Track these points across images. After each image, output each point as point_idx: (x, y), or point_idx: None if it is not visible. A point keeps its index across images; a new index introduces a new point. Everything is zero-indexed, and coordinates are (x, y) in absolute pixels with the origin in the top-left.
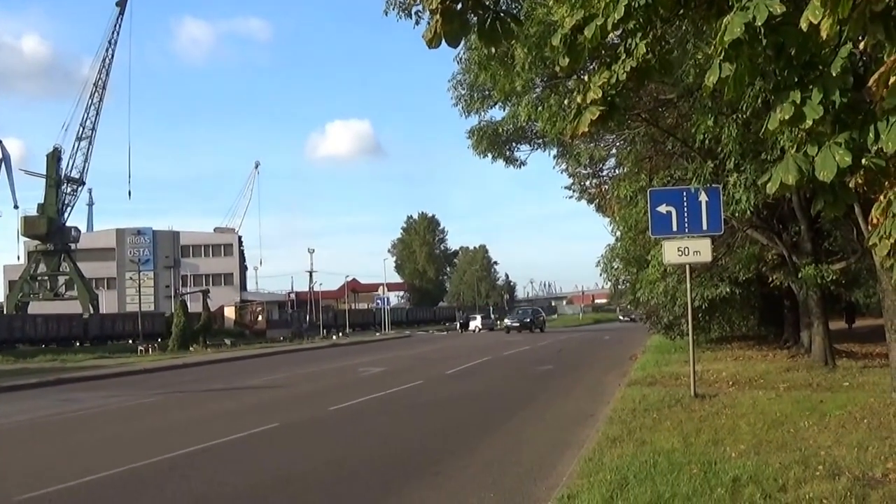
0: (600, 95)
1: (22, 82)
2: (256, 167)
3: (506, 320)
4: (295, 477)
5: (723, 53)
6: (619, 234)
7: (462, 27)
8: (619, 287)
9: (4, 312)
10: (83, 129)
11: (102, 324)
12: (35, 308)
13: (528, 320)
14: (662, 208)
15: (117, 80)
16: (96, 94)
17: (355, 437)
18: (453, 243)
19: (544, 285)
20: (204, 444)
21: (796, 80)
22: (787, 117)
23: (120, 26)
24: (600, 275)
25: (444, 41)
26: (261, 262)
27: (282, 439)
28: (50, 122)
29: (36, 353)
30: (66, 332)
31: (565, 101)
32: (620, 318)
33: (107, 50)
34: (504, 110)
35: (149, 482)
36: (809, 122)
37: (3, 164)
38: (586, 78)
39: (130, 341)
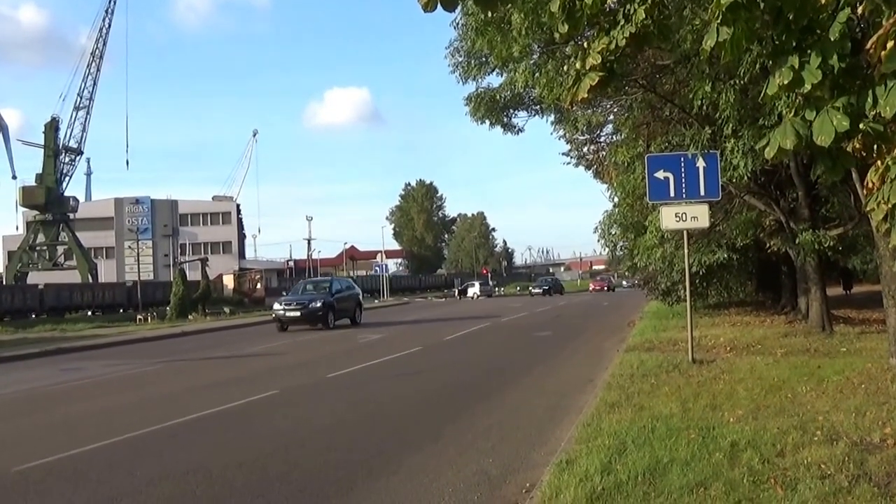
0: (599, 61)
1: (19, 52)
2: (254, 135)
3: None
4: (294, 444)
5: (720, 17)
6: (616, 200)
7: None
8: (618, 253)
9: (3, 282)
10: (81, 98)
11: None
12: (34, 278)
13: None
14: (660, 174)
15: (115, 50)
16: (94, 64)
17: (353, 404)
18: (451, 210)
19: (542, 252)
20: (204, 412)
21: (794, 44)
22: (785, 82)
23: None
24: (598, 241)
25: (439, 5)
26: (259, 231)
27: (281, 406)
28: (48, 92)
29: (35, 322)
30: (66, 301)
31: (563, 67)
32: (624, 283)
33: (104, 19)
34: (501, 76)
35: (148, 450)
36: (808, 87)
37: (0, 134)
38: (585, 44)
39: (123, 310)
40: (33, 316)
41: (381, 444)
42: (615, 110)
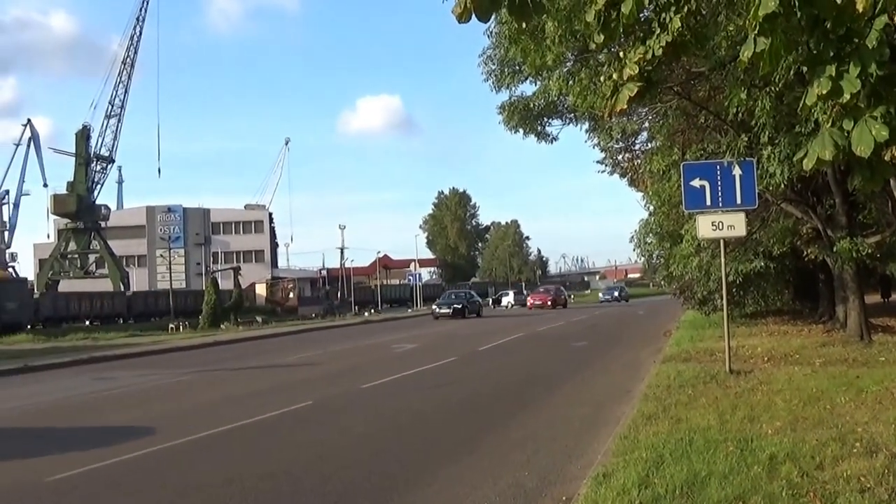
0: (637, 71)
1: (50, 60)
2: (287, 144)
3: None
4: (328, 455)
5: (757, 27)
6: (652, 208)
7: (493, 1)
8: (653, 262)
9: (35, 291)
10: (112, 106)
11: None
12: (65, 286)
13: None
14: (696, 182)
15: (146, 57)
16: (125, 72)
17: (389, 415)
18: (485, 219)
19: (577, 260)
20: (238, 423)
21: (832, 53)
22: (824, 92)
23: (147, 2)
24: (634, 250)
25: (473, 15)
26: (291, 239)
27: (315, 417)
28: (78, 100)
29: (66, 331)
30: (98, 310)
31: (598, 76)
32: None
33: (135, 27)
34: (535, 85)
35: (181, 461)
36: (847, 97)
37: (31, 142)
38: (620, 53)
39: (155, 319)
40: (64, 323)
41: (417, 455)
42: (650, 118)
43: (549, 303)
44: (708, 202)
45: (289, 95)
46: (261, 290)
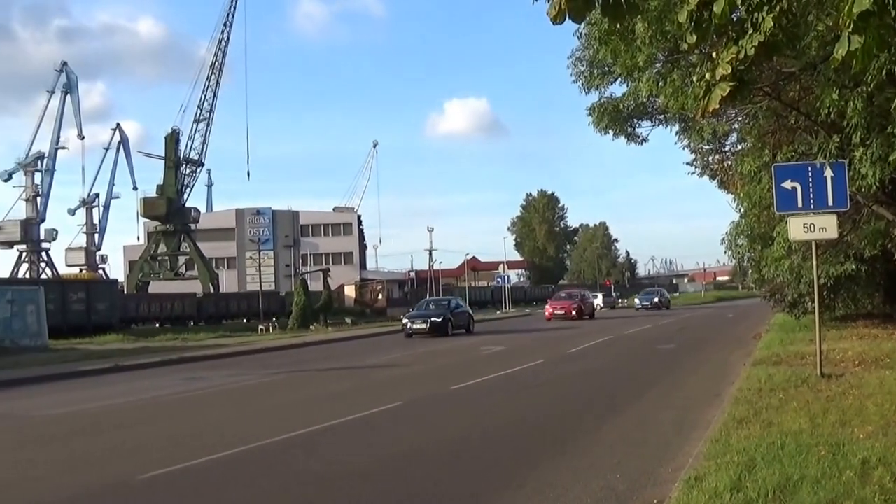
0: (729, 71)
1: (138, 65)
2: (375, 146)
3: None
4: (418, 456)
5: (851, 25)
6: (743, 210)
7: (587, 2)
8: (744, 264)
9: (125, 292)
10: (201, 110)
11: (217, 303)
12: (155, 287)
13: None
14: (787, 184)
15: (234, 61)
16: (213, 76)
17: (477, 417)
18: (573, 220)
19: (665, 262)
20: (327, 423)
21: None
22: None
23: (235, 7)
24: (725, 252)
25: (567, 17)
26: (380, 241)
27: (404, 418)
28: (167, 104)
29: (156, 332)
30: (180, 311)
31: (693, 78)
32: (638, 302)
33: (222, 31)
34: (625, 86)
35: (269, 462)
36: None
37: (121, 146)
38: (713, 53)
39: (246, 320)
40: (191, 323)
41: (507, 457)
42: (740, 119)
43: (574, 312)
44: (799, 204)
45: (376, 98)
46: (350, 291)
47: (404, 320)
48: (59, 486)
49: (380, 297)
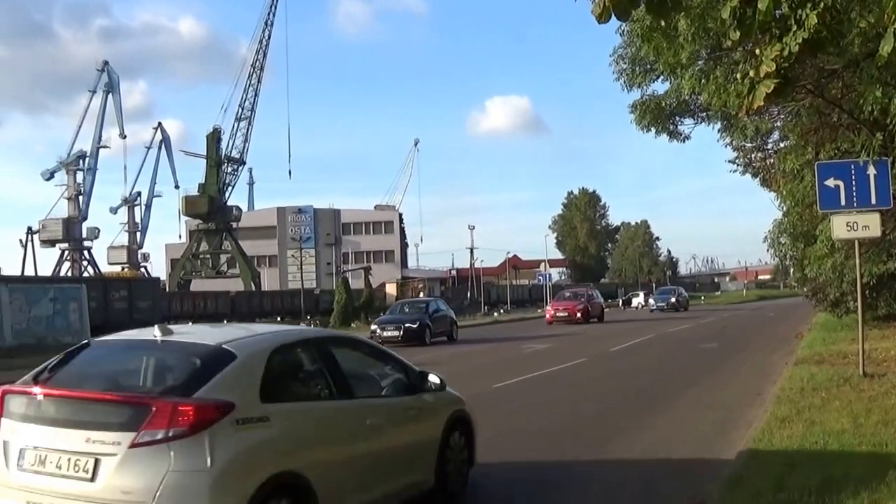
0: (773, 69)
1: (179, 64)
2: (416, 144)
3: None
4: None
5: (895, 23)
6: (785, 208)
7: (631, 0)
8: (786, 263)
9: (167, 290)
10: (242, 109)
11: (250, 300)
12: (197, 285)
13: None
14: (830, 182)
15: (275, 60)
16: (254, 75)
17: (520, 415)
18: (615, 219)
19: (707, 261)
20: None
21: None
22: None
23: (276, 6)
24: (767, 250)
25: (612, 14)
26: (421, 239)
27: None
28: (208, 103)
29: None
30: (213, 309)
31: (737, 75)
32: (653, 303)
33: (263, 30)
34: (667, 83)
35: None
36: None
37: (162, 145)
38: (756, 51)
39: (279, 318)
40: (225, 321)
41: (550, 456)
42: (782, 117)
43: (579, 314)
44: (842, 202)
45: (417, 96)
46: (391, 289)
47: (373, 326)
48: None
49: (420, 294)
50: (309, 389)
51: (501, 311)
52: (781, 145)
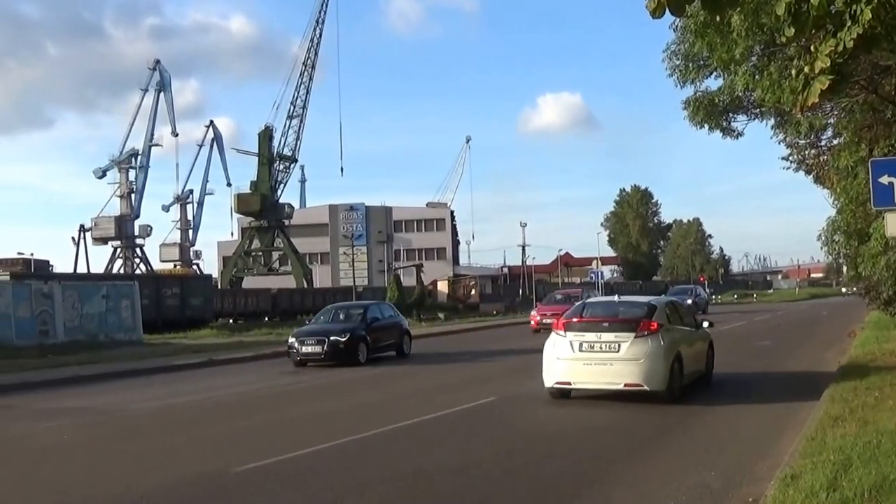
0: (828, 64)
1: (231, 62)
2: (467, 142)
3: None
4: (514, 451)
5: None
6: (839, 206)
7: None
8: (839, 261)
9: (219, 287)
10: (294, 107)
11: (291, 298)
12: (249, 283)
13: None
14: (884, 179)
15: (326, 58)
16: (306, 73)
17: (574, 413)
18: (667, 216)
19: (759, 259)
20: (424, 417)
21: None
22: None
23: (327, 4)
24: (821, 249)
25: (667, 10)
26: (473, 237)
27: (499, 413)
28: (260, 101)
29: (250, 327)
30: (253, 307)
31: (791, 71)
32: (844, 290)
33: (314, 28)
34: (720, 79)
35: (368, 454)
36: None
37: (214, 143)
38: (811, 46)
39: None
40: (266, 318)
41: (602, 452)
42: (836, 113)
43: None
44: None
45: (469, 93)
46: (443, 287)
47: (291, 339)
48: (154, 477)
49: (472, 292)
50: (677, 321)
51: None
52: (835, 142)
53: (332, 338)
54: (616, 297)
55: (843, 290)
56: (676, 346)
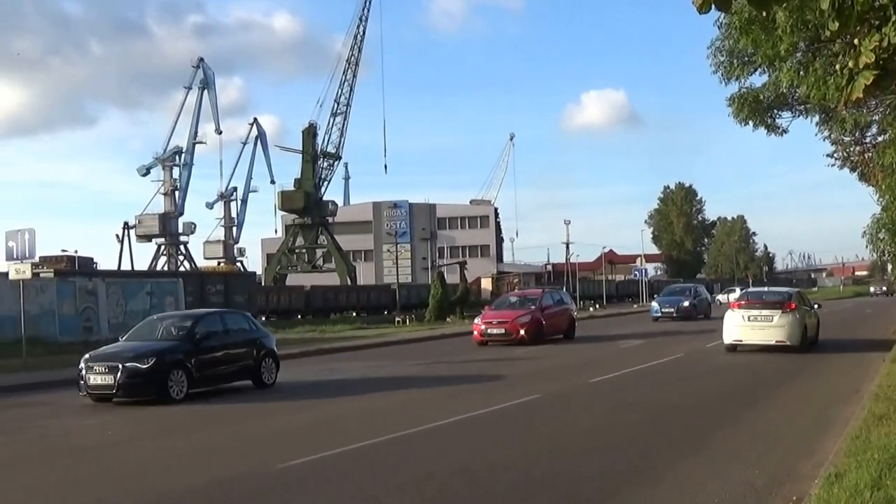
0: (873, 59)
1: (274, 60)
2: (511, 139)
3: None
4: (556, 448)
5: None
6: (884, 203)
7: None
8: (884, 259)
9: (263, 284)
10: (338, 105)
11: (325, 296)
12: (292, 280)
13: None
14: None
15: (370, 55)
16: (349, 71)
17: (616, 410)
18: (711, 213)
19: (803, 257)
20: (467, 414)
21: None
22: None
23: (370, 1)
24: (866, 246)
25: (713, 6)
26: (517, 234)
27: (542, 410)
28: (304, 98)
29: (294, 323)
30: (286, 304)
31: (836, 67)
32: (872, 290)
33: (358, 26)
34: (765, 76)
35: (412, 451)
36: None
37: (258, 140)
38: (856, 42)
39: (355, 313)
40: (298, 316)
41: (645, 450)
42: (881, 110)
43: (522, 331)
44: None
45: (512, 90)
46: (487, 284)
47: (81, 365)
48: (197, 473)
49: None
50: (802, 304)
51: (597, 305)
52: (880, 139)
53: (127, 364)
54: (766, 288)
55: (872, 289)
56: (804, 319)
